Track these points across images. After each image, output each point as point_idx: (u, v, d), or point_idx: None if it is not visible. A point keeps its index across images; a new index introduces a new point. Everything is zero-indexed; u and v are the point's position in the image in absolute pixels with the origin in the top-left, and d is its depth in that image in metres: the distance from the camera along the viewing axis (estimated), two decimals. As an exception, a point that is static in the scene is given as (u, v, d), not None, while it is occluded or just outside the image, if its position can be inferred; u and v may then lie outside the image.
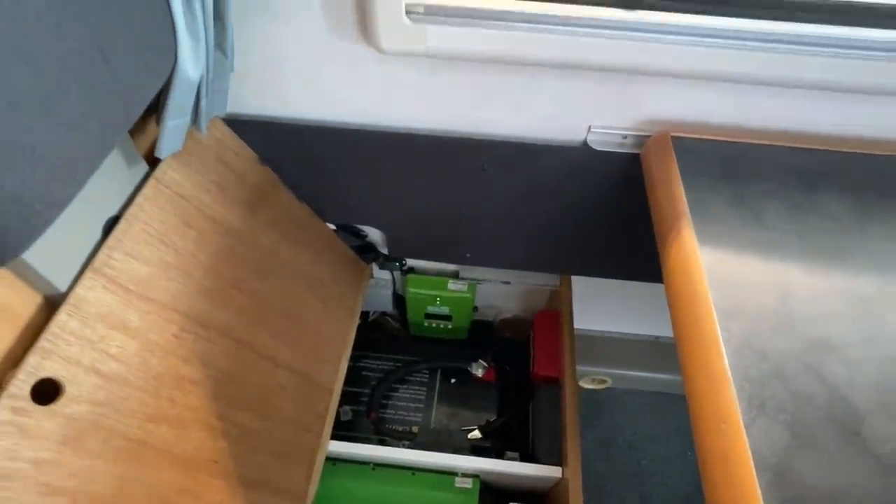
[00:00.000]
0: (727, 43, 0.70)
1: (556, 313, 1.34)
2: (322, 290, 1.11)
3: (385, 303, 1.52)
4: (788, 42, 0.69)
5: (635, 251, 0.96)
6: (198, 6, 0.61)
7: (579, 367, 1.37)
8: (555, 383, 1.26)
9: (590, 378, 1.76)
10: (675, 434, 1.75)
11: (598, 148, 0.85)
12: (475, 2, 0.69)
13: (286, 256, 1.00)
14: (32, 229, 0.46)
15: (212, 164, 0.84)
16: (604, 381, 1.76)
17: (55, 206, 0.48)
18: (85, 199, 0.55)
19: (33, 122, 0.44)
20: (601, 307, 1.44)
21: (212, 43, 0.67)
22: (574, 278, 1.33)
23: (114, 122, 0.55)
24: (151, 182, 0.72)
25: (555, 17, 0.69)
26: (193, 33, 0.62)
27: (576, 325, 1.26)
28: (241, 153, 0.91)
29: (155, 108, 0.67)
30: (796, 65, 0.71)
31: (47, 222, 0.48)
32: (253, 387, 0.88)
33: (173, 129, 0.69)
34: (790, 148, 0.77)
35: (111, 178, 0.67)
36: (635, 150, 0.85)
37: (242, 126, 0.88)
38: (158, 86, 0.61)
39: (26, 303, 0.58)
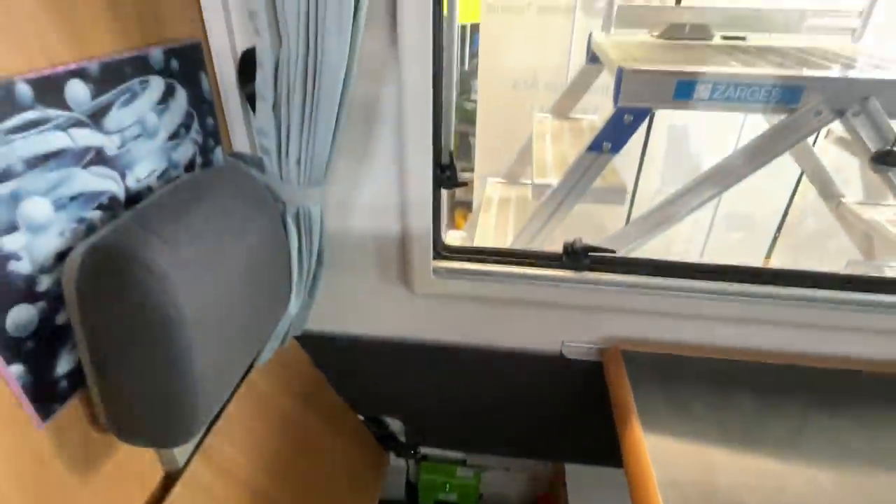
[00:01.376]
0: (657, 292, 1.03)
1: (554, 499, 1.48)
2: (350, 476, 1.29)
3: (397, 490, 1.65)
4: (708, 292, 1.02)
5: (613, 440, 1.19)
6: (305, 270, 0.96)
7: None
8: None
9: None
10: None
11: (571, 356, 1.15)
12: (477, 266, 1.06)
13: (325, 444, 1.21)
14: (202, 423, 0.72)
15: (283, 368, 1.12)
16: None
17: (217, 405, 0.75)
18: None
19: (219, 361, 0.73)
20: (595, 492, 1.57)
21: (306, 292, 1.01)
22: (569, 466, 1.50)
23: (254, 350, 0.85)
24: (245, 384, 1.00)
25: (531, 275, 1.05)
26: (299, 287, 0.97)
27: (573, 509, 1.39)
28: (301, 359, 1.20)
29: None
30: (714, 307, 1.02)
31: (209, 416, 0.74)
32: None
33: (269, 349, 0.99)
34: (712, 359, 1.06)
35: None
36: (599, 359, 1.14)
37: (303, 339, 1.19)
38: (277, 324, 0.93)
39: (154, 473, 0.80)
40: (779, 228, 3.33)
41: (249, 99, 0.89)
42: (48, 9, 0.58)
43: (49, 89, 0.58)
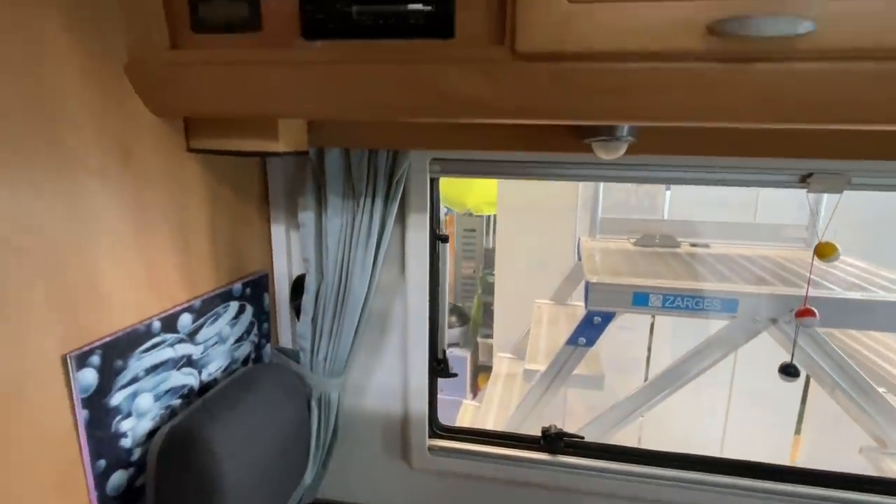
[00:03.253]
0: (627, 478, 1.17)
1: None
2: None
3: None
4: (672, 480, 1.16)
5: None
6: (321, 444, 1.18)
7: None
8: None
9: None
10: None
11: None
12: (468, 446, 1.25)
13: None
14: None
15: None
16: None
17: None
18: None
19: None
20: None
21: (320, 464, 1.21)
22: None
23: None
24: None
25: (514, 457, 1.23)
26: (315, 460, 1.17)
27: None
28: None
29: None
30: (675, 494, 1.15)
31: None
32: None
33: (285, 514, 1.16)
34: None
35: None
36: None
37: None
38: (294, 491, 1.12)
39: None
40: (803, 401, 3.31)
41: (296, 310, 1.21)
42: (177, 265, 0.92)
43: (169, 322, 0.90)
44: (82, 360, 0.74)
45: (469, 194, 3.41)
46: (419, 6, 0.69)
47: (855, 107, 0.62)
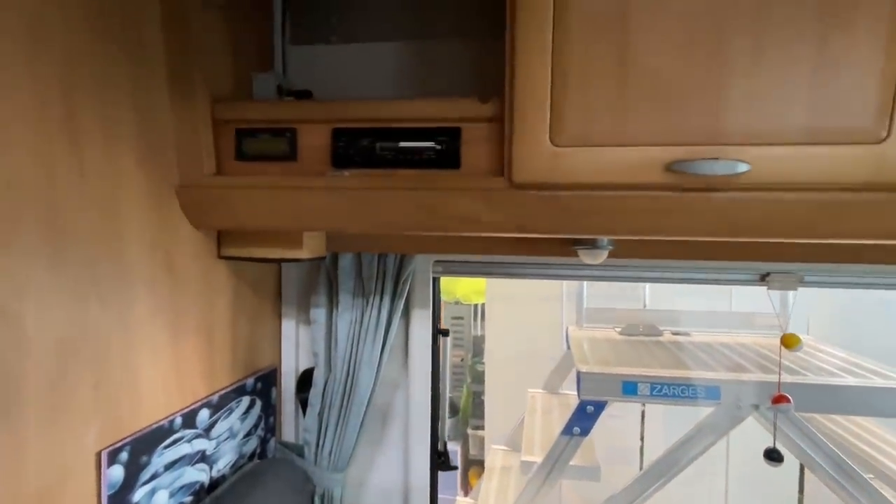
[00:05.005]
0: None
1: None
2: None
3: None
4: None
5: None
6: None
7: None
8: None
9: None
10: None
11: None
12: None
13: None
14: None
15: None
16: None
17: None
18: None
19: None
20: None
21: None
22: None
23: None
24: None
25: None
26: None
27: None
28: None
29: None
30: None
31: None
32: None
33: None
34: None
35: None
36: None
37: None
38: None
39: None
40: (800, 489, 3.26)
41: (301, 403, 1.26)
42: (202, 361, 0.98)
43: (189, 417, 0.95)
44: (113, 457, 0.78)
45: (458, 284, 3.53)
46: (431, 144, 0.84)
47: (793, 226, 0.76)
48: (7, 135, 0.62)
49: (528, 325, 3.26)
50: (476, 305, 4.47)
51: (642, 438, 2.99)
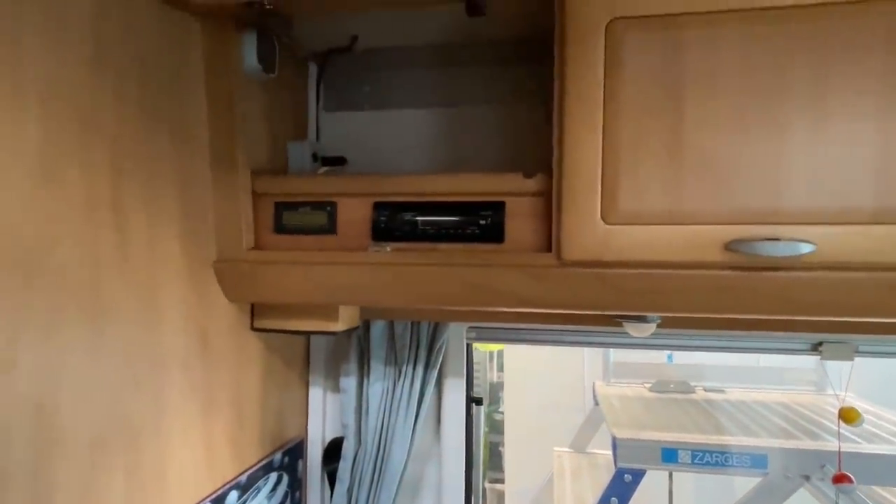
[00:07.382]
0: None
1: None
2: None
3: None
4: None
5: None
6: None
7: None
8: None
9: None
10: None
11: None
12: None
13: None
14: None
15: None
16: None
17: None
18: None
19: None
20: None
21: None
22: None
23: None
24: None
25: None
26: None
27: None
28: None
29: None
30: None
31: None
32: None
33: None
34: None
35: None
36: None
37: None
38: None
39: None
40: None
41: (329, 475, 1.20)
42: (231, 439, 0.94)
43: (218, 501, 0.90)
44: (141, 555, 0.73)
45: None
46: (475, 217, 0.82)
47: (854, 306, 0.72)
48: (57, 228, 0.61)
49: (547, 372, 3.17)
50: (492, 352, 4.39)
51: (671, 499, 2.84)
